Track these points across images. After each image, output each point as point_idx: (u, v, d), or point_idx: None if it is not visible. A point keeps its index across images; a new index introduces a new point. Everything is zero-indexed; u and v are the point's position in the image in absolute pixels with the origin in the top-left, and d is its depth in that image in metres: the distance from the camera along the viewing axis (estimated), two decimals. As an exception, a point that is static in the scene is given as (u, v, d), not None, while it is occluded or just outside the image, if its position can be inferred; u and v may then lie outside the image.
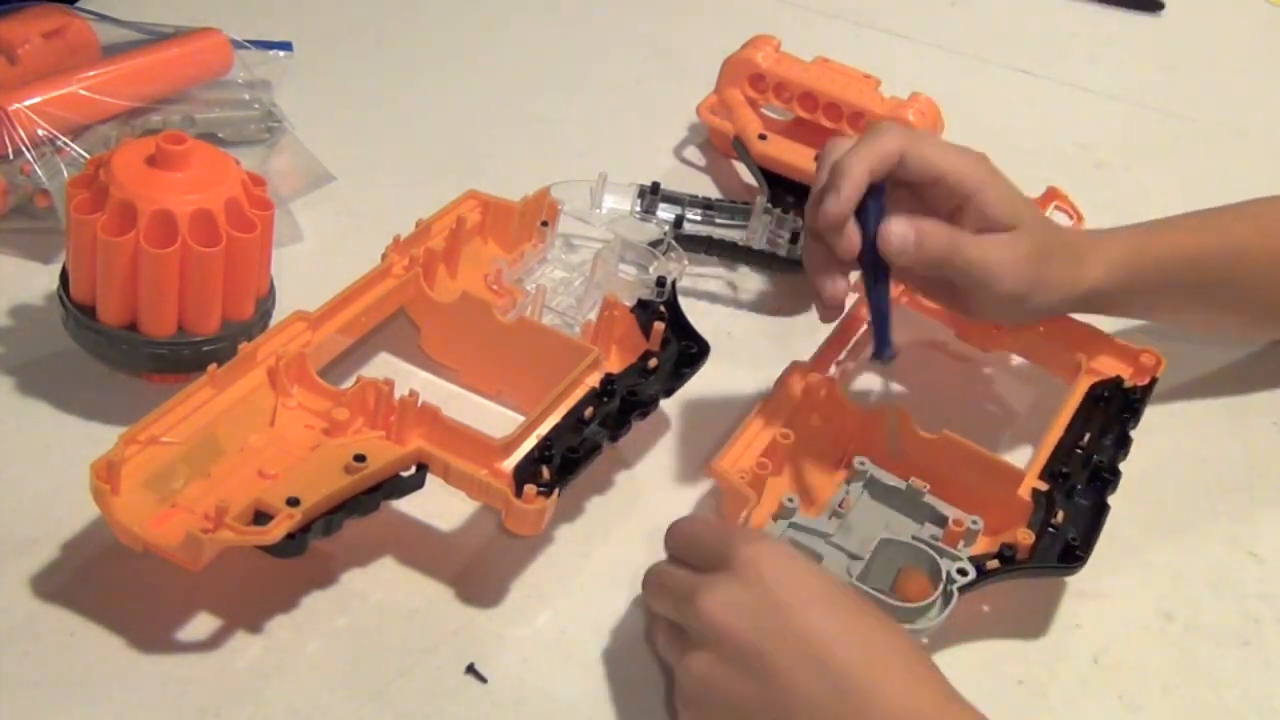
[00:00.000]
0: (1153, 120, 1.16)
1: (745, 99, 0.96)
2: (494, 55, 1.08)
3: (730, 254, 0.87)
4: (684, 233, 0.86)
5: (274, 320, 0.72)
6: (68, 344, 0.70)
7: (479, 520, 0.68)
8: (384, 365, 0.77)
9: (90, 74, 0.83)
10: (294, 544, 0.59)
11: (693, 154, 1.01)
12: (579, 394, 0.69)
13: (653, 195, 0.89)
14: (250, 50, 0.93)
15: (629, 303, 0.75)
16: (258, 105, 0.90)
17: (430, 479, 0.64)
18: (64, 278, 0.70)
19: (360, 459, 0.62)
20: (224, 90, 0.90)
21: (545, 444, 0.65)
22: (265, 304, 0.72)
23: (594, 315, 0.75)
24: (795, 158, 0.92)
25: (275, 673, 0.60)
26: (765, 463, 0.68)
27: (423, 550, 0.67)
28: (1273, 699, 0.67)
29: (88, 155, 0.78)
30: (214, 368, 0.64)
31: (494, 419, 0.73)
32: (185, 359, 0.69)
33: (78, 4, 0.93)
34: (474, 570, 0.66)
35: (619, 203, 0.88)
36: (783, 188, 0.92)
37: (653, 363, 0.72)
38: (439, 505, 0.68)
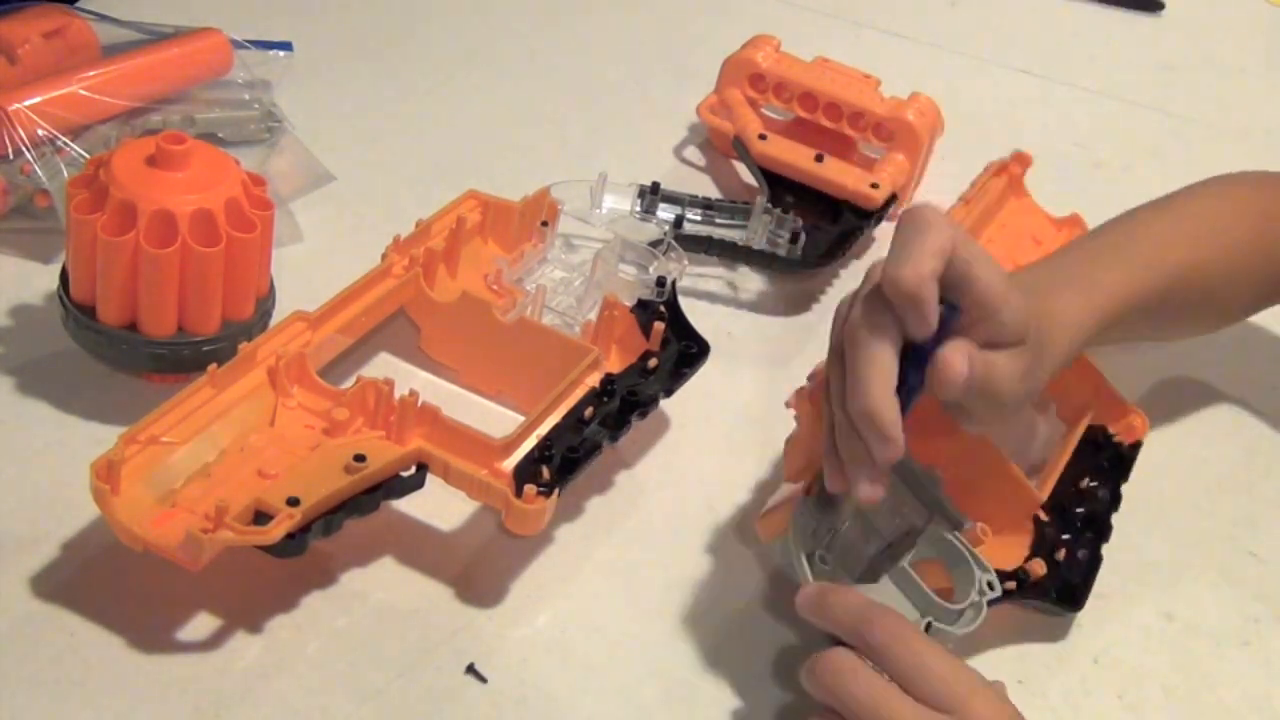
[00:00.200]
0: (1153, 120, 1.16)
1: (745, 99, 0.96)
2: (494, 55, 1.08)
3: (730, 254, 0.87)
4: (684, 233, 0.86)
5: (274, 320, 0.72)
6: (68, 344, 0.70)
7: (479, 520, 0.68)
8: (384, 365, 0.77)
9: (90, 74, 0.83)
10: (294, 544, 0.59)
11: (693, 154, 1.01)
12: (579, 394, 0.69)
13: (653, 195, 0.89)
14: (250, 50, 0.93)
15: (629, 303, 0.75)
16: (258, 105, 0.90)
17: (430, 479, 0.64)
18: (64, 278, 0.70)
19: (360, 459, 0.62)
20: (224, 90, 0.90)
21: (545, 444, 0.65)
22: (265, 304, 0.72)
23: (594, 315, 0.75)
24: (795, 158, 0.92)
25: (275, 673, 0.60)
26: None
27: (423, 550, 0.67)
28: (1273, 699, 0.67)
29: (88, 155, 0.78)
30: (214, 368, 0.64)
31: (494, 419, 0.73)
32: (185, 359, 0.69)
33: (78, 4, 0.93)
34: (474, 570, 0.66)
35: (619, 203, 0.88)
36: (783, 188, 0.92)
37: (653, 363, 0.72)
38: (439, 505, 0.67)
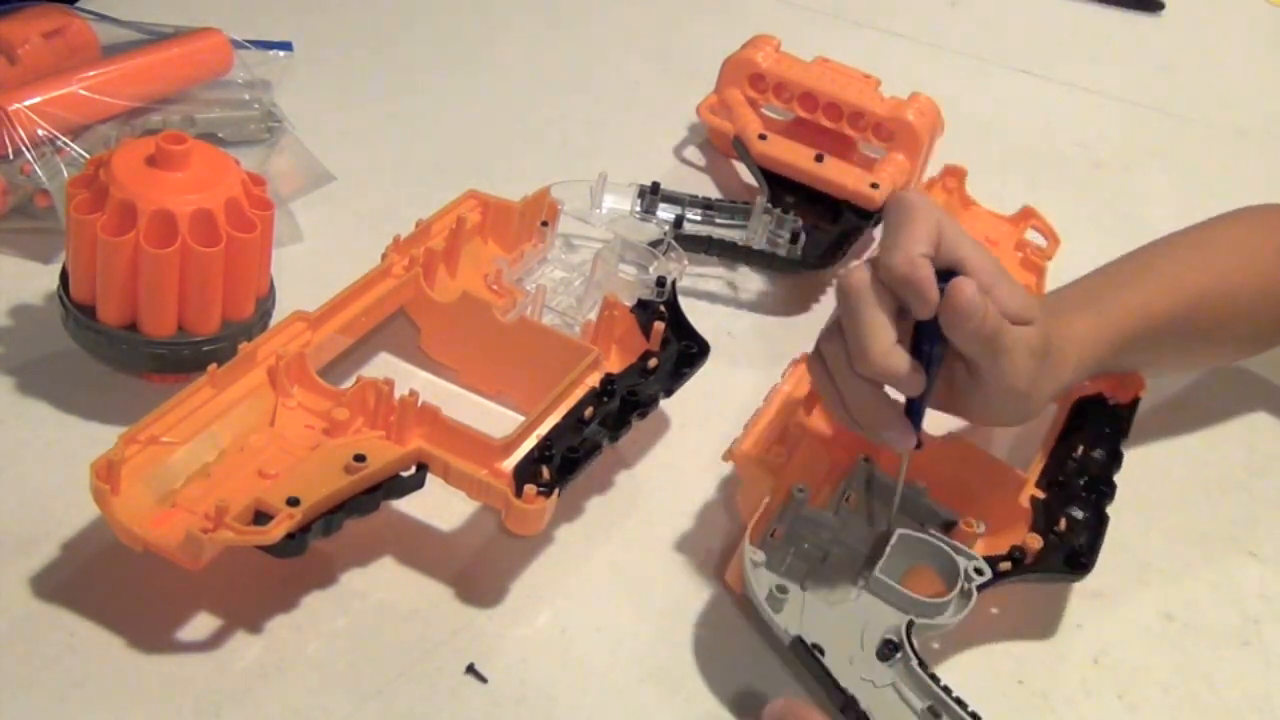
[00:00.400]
0: (1153, 120, 1.16)
1: (745, 99, 0.96)
2: (494, 55, 1.08)
3: (730, 254, 0.87)
4: (684, 233, 0.86)
5: (274, 320, 0.72)
6: (68, 344, 0.70)
7: (479, 520, 0.68)
8: (384, 365, 0.77)
9: (90, 74, 0.83)
10: (294, 544, 0.59)
11: (693, 154, 1.01)
12: (579, 394, 0.69)
13: (653, 195, 0.89)
14: (250, 50, 0.93)
15: (629, 303, 0.75)
16: (258, 105, 0.90)
17: (430, 479, 0.64)
18: (64, 278, 0.70)
19: (360, 459, 0.62)
20: (224, 90, 0.90)
21: (545, 444, 0.65)
22: (265, 304, 0.72)
23: (594, 315, 0.75)
24: (795, 158, 0.92)
25: (275, 673, 0.60)
26: (780, 450, 0.67)
27: (423, 550, 0.67)
28: (1273, 699, 0.67)
29: (88, 155, 0.78)
30: (214, 368, 0.64)
31: (494, 419, 0.73)
32: (185, 359, 0.69)
33: (78, 4, 0.93)
34: (474, 570, 0.66)
35: (619, 203, 0.88)
36: (783, 188, 0.92)
37: (653, 363, 0.72)
38: (439, 505, 0.67)
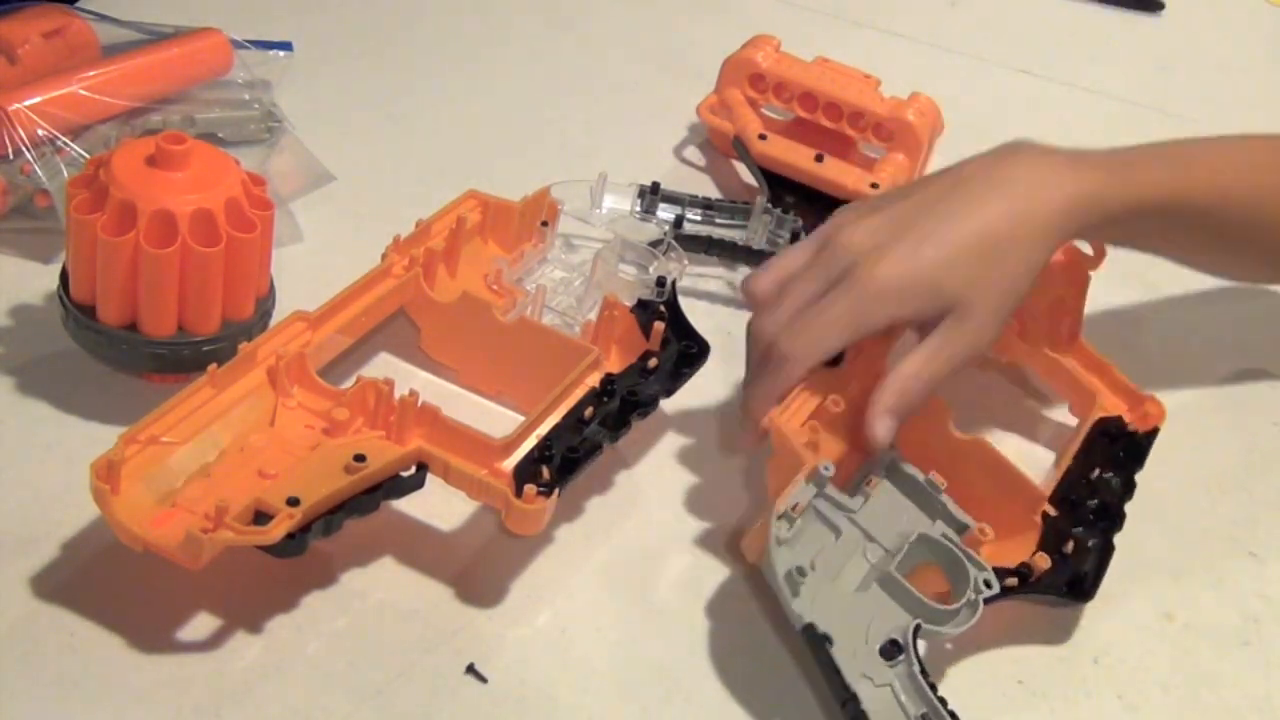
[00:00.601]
0: (1153, 120, 1.16)
1: (745, 99, 0.96)
2: (494, 55, 1.08)
3: (730, 254, 0.87)
4: (684, 233, 0.86)
5: (274, 320, 0.72)
6: (68, 344, 0.70)
7: (479, 520, 0.68)
8: (384, 365, 0.77)
9: (90, 74, 0.83)
10: (294, 544, 0.59)
11: (693, 154, 1.01)
12: (579, 394, 0.69)
13: (653, 195, 0.89)
14: (250, 50, 0.93)
15: (629, 303, 0.75)
16: (258, 105, 0.90)
17: (430, 479, 0.64)
18: (64, 278, 0.70)
19: (360, 459, 0.62)
20: (224, 90, 0.90)
21: (545, 444, 0.65)
22: (265, 304, 0.72)
23: (594, 315, 0.75)
24: (795, 158, 0.92)
25: (275, 673, 0.60)
26: (815, 425, 0.67)
27: (423, 550, 0.67)
28: (1273, 699, 0.67)
29: (88, 155, 0.78)
30: (214, 368, 0.64)
31: (494, 419, 0.73)
32: (185, 359, 0.69)
33: (78, 4, 0.93)
34: (474, 570, 0.66)
35: (619, 203, 0.88)
36: (783, 188, 0.92)
37: (653, 363, 0.72)
38: (439, 505, 0.67)
